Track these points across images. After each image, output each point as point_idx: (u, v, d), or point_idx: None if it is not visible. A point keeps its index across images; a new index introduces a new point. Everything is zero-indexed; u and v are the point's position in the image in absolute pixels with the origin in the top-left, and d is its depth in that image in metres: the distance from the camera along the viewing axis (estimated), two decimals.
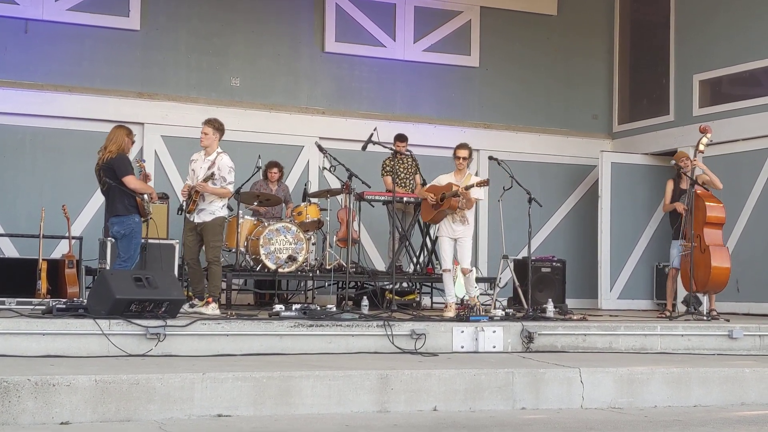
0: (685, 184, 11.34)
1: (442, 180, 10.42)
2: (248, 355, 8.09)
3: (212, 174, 9.50)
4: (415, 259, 12.25)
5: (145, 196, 9.34)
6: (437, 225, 10.59)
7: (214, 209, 9.66)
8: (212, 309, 9.37)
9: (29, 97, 12.50)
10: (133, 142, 9.63)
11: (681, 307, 11.42)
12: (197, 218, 9.66)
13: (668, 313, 11.17)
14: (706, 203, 10.88)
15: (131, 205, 9.24)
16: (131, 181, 9.21)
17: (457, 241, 10.21)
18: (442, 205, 10.20)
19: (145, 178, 9.74)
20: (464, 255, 10.18)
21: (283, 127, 13.62)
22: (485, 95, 14.94)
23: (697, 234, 10.84)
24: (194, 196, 9.57)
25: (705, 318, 10.50)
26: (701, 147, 11.09)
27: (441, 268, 10.37)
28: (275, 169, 12.27)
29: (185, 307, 9.23)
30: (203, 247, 9.77)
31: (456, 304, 10.13)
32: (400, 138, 12.25)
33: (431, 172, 11.82)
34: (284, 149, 13.29)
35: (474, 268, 10.73)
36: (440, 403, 7.17)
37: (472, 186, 10.04)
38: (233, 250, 11.21)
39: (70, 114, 12.68)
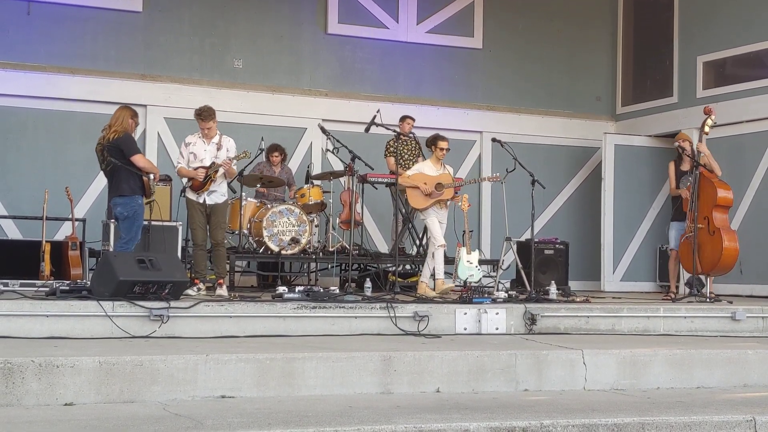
0: (685, 166, 11.29)
1: (425, 169, 10.75)
2: (251, 336, 8.11)
3: (245, 153, 9.70)
4: (417, 242, 12.25)
5: (151, 176, 9.39)
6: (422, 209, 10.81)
7: (224, 191, 9.87)
8: (225, 290, 9.54)
9: (31, 79, 12.47)
10: (137, 124, 9.65)
11: (684, 289, 11.41)
12: (209, 200, 9.70)
13: (673, 295, 11.17)
14: (717, 186, 10.75)
15: (137, 185, 9.27)
16: (140, 160, 9.25)
17: (441, 224, 10.74)
18: (443, 194, 10.59)
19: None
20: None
21: (285, 109, 13.59)
22: (488, 77, 14.89)
23: (704, 216, 10.76)
24: (213, 176, 9.60)
25: (708, 300, 10.50)
26: (706, 129, 10.95)
27: (436, 245, 10.52)
28: (276, 153, 12.24)
29: (189, 291, 9.26)
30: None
31: (458, 286, 10.16)
32: (408, 117, 12.31)
33: None
34: (287, 131, 13.27)
35: (478, 250, 10.78)
36: (443, 385, 7.18)
37: (485, 179, 11.74)
38: (236, 232, 11.22)
39: (73, 96, 12.66)
